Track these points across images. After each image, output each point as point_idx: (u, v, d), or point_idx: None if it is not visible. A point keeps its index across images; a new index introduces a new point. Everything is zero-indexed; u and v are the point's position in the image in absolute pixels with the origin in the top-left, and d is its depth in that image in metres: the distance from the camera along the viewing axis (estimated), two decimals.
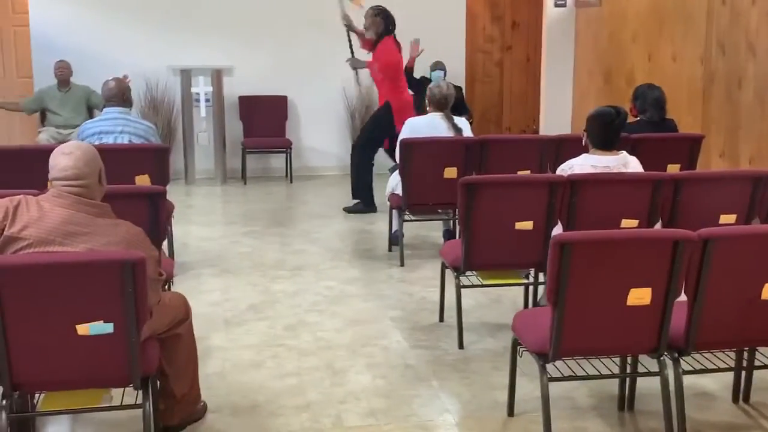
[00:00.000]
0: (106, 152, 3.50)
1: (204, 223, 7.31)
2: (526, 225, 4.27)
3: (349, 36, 8.01)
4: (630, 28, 8.51)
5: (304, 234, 6.97)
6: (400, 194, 5.93)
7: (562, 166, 4.41)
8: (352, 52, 8.03)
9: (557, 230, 4.31)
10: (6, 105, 8.62)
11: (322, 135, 9.67)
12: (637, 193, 4.33)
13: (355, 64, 8.02)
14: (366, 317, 4.92)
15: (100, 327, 2.87)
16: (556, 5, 9.80)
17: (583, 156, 4.37)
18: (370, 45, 7.67)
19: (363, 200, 7.72)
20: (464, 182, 4.27)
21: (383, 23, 7.58)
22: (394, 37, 7.63)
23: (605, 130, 4.22)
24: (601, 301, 3.16)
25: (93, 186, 2.98)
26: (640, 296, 3.17)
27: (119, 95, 5.58)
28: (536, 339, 3.30)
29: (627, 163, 4.34)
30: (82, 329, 2.86)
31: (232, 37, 9.20)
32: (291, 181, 9.29)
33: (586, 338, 3.23)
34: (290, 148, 9.33)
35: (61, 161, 2.95)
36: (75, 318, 2.85)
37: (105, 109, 5.61)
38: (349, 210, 7.73)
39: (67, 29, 8.87)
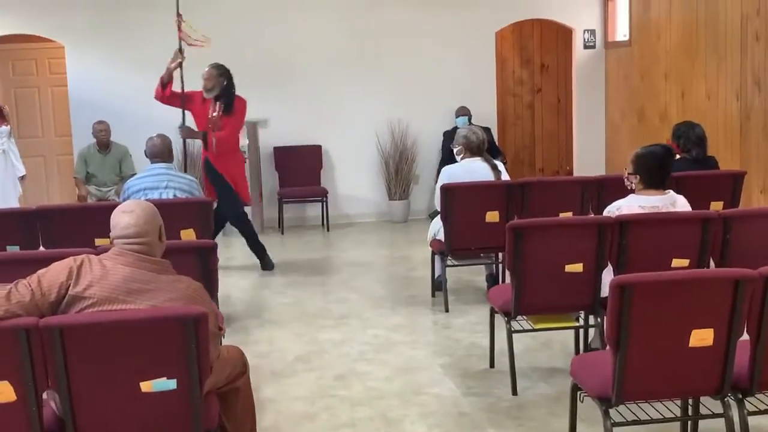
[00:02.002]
0: None
1: (245, 274, 7.34)
2: (576, 267, 4.24)
3: (182, 91, 7.18)
4: (662, 67, 8.53)
5: (344, 282, 6.98)
6: (442, 239, 5.93)
7: (609, 207, 4.39)
8: (183, 119, 7.32)
9: (607, 272, 4.29)
10: (78, 185, 8.70)
11: (356, 183, 9.72)
12: (687, 232, 4.30)
13: (188, 135, 7.30)
14: (415, 365, 4.89)
15: (164, 384, 2.88)
16: (585, 47, 9.86)
17: (630, 196, 4.36)
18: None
19: (264, 258, 7.49)
20: (512, 226, 4.26)
21: (228, 83, 7.14)
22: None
23: (657, 170, 4.21)
24: (663, 343, 3.12)
25: (154, 243, 3.01)
26: (702, 337, 3.14)
27: (164, 152, 5.66)
28: (597, 383, 3.26)
29: (675, 202, 4.32)
30: (146, 386, 2.87)
31: (266, 90, 9.31)
32: (328, 230, 9.32)
33: (648, 381, 3.19)
34: (326, 197, 9.38)
35: (122, 219, 2.99)
36: (138, 375, 2.86)
37: (150, 165, 5.69)
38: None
39: (104, 88, 9.04)
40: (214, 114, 7.11)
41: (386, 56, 9.54)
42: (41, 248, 5.17)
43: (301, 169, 9.48)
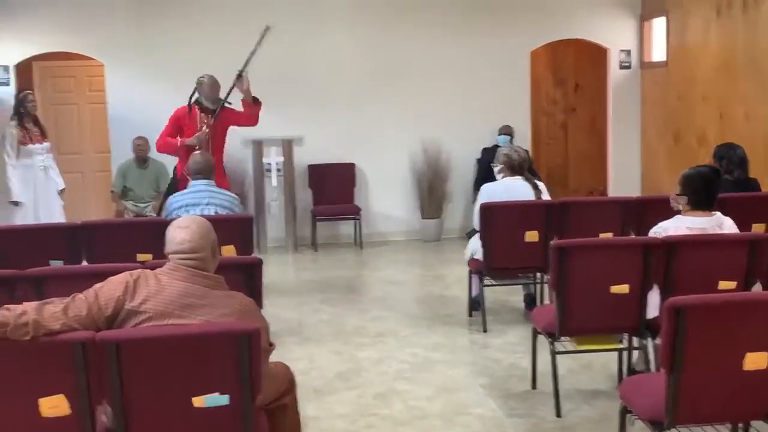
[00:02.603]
0: None
1: (280, 292, 7.35)
2: (622, 289, 4.21)
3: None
4: (699, 88, 8.49)
5: (380, 300, 6.97)
6: (480, 258, 5.91)
7: (655, 228, 4.36)
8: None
9: (653, 294, 4.26)
10: (115, 200, 8.79)
11: (389, 201, 9.73)
12: (734, 254, 4.25)
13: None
14: (456, 385, 4.87)
15: (216, 399, 2.89)
16: (621, 67, 9.84)
17: (676, 218, 4.32)
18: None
19: None
20: (557, 246, 4.24)
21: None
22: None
23: (704, 191, 4.18)
24: (718, 366, 3.09)
25: (208, 259, 3.03)
26: (756, 360, 3.10)
27: (205, 169, 5.70)
28: (649, 406, 3.23)
29: (722, 224, 4.29)
30: (198, 401, 2.88)
31: (301, 108, 9.38)
32: (361, 248, 9.33)
33: (702, 404, 3.15)
34: (359, 215, 9.40)
35: (177, 235, 3.01)
36: (192, 389, 2.87)
37: (192, 182, 5.73)
38: None
39: (142, 105, 9.12)
40: (205, 129, 6.80)
41: (421, 75, 9.56)
42: (84, 263, 5.21)
43: (335, 187, 9.50)
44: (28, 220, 7.72)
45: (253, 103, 7.06)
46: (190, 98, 6.98)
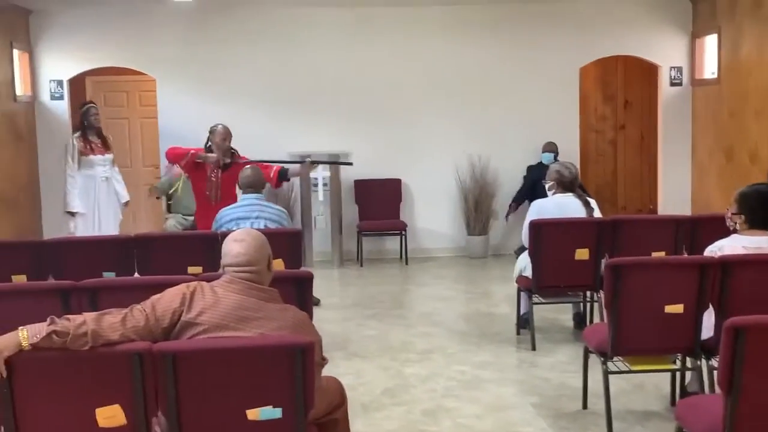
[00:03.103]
0: None
1: (327, 306, 7.37)
2: (677, 308, 4.14)
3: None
4: (752, 105, 8.35)
5: (426, 316, 6.95)
6: (529, 276, 5.86)
7: (711, 247, 4.29)
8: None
9: (709, 314, 4.18)
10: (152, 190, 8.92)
11: (435, 217, 9.72)
12: None
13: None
14: (505, 403, 4.83)
15: (270, 412, 2.89)
16: (672, 84, 9.72)
17: (733, 236, 4.25)
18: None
19: None
20: (611, 264, 4.19)
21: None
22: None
23: (762, 209, 4.10)
24: None
25: (263, 272, 3.05)
26: None
27: (255, 183, 5.75)
28: (706, 428, 3.17)
29: None
30: (252, 414, 2.89)
31: (347, 123, 9.44)
32: (406, 263, 9.32)
33: (761, 427, 3.08)
34: (405, 230, 9.40)
35: (233, 248, 3.03)
36: (246, 402, 2.88)
37: (242, 196, 5.79)
38: None
39: (192, 119, 9.23)
40: (213, 178, 6.74)
41: (468, 91, 9.56)
42: (135, 275, 5.28)
43: (381, 202, 9.52)
44: (87, 230, 7.86)
45: (284, 181, 6.99)
46: (205, 144, 6.88)
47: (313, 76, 9.43)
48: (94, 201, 7.99)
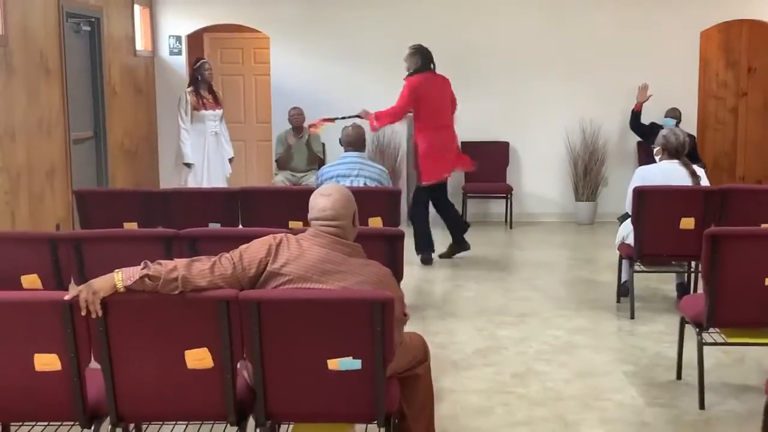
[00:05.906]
0: None
1: (434, 266, 7.41)
2: None
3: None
4: None
5: (526, 281, 6.91)
6: (631, 244, 5.74)
7: None
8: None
9: None
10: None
11: (543, 181, 9.60)
12: None
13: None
14: (596, 370, 4.78)
15: (350, 363, 2.97)
16: None
17: None
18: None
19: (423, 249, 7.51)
20: (710, 234, 4.07)
21: (419, 60, 7.50)
22: (431, 72, 7.57)
23: None
24: None
25: (348, 227, 3.11)
26: None
27: (357, 141, 5.83)
28: None
29: None
30: (333, 364, 2.97)
31: (456, 84, 9.32)
32: (511, 227, 9.26)
33: None
34: (510, 194, 9.32)
35: (320, 202, 3.10)
36: (326, 353, 2.96)
37: (344, 154, 5.87)
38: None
39: (304, 78, 9.40)
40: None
41: (582, 54, 9.34)
42: (240, 226, 5.46)
43: (488, 165, 9.41)
44: (197, 182, 8.14)
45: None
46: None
47: (425, 32, 9.37)
48: (203, 155, 8.22)
